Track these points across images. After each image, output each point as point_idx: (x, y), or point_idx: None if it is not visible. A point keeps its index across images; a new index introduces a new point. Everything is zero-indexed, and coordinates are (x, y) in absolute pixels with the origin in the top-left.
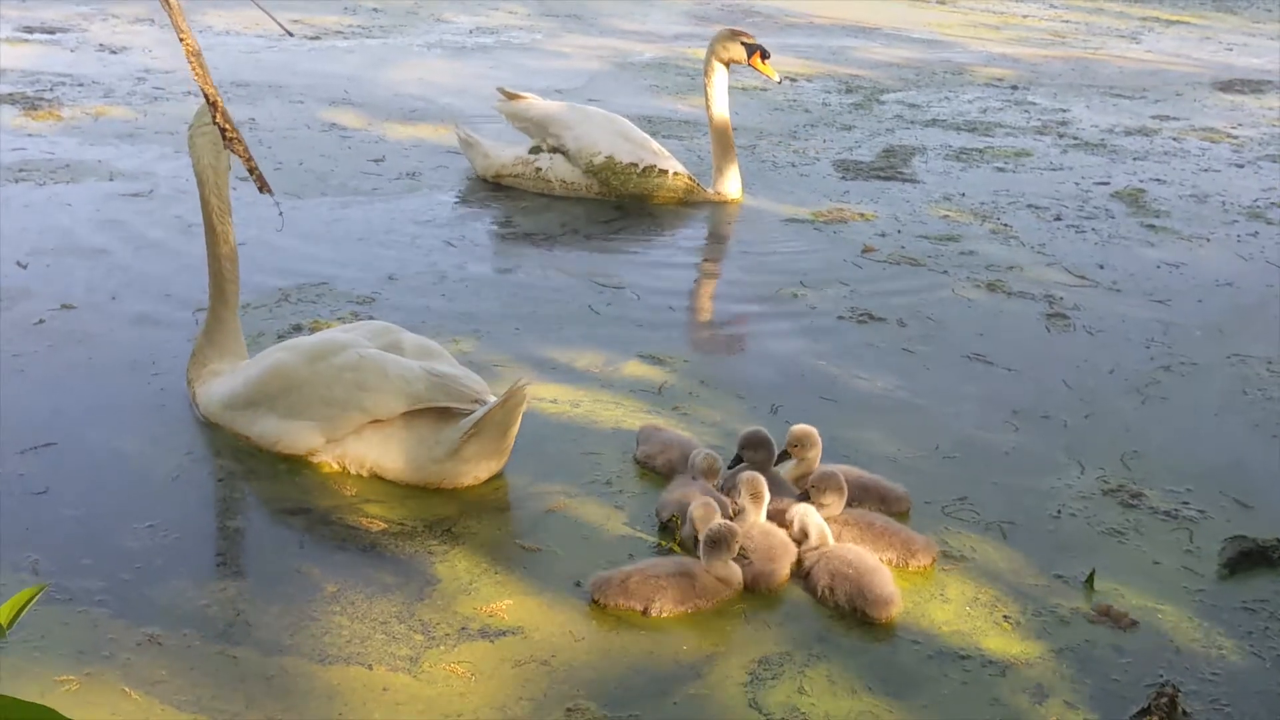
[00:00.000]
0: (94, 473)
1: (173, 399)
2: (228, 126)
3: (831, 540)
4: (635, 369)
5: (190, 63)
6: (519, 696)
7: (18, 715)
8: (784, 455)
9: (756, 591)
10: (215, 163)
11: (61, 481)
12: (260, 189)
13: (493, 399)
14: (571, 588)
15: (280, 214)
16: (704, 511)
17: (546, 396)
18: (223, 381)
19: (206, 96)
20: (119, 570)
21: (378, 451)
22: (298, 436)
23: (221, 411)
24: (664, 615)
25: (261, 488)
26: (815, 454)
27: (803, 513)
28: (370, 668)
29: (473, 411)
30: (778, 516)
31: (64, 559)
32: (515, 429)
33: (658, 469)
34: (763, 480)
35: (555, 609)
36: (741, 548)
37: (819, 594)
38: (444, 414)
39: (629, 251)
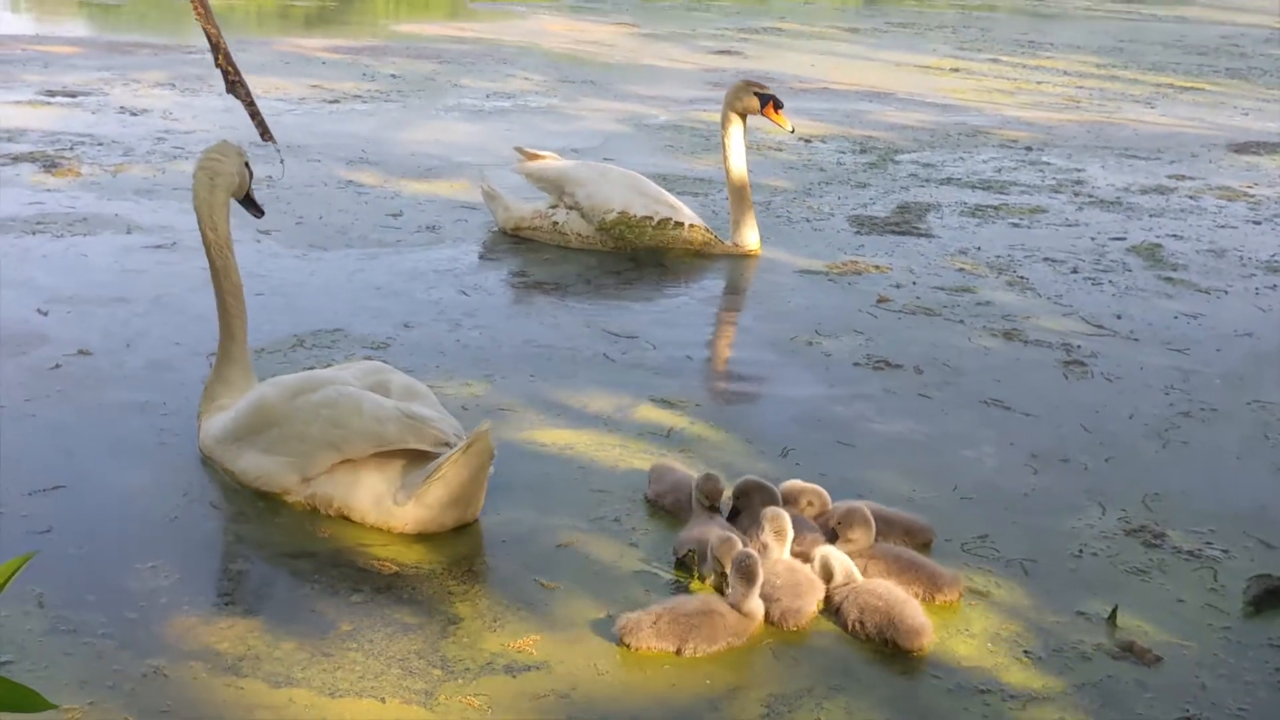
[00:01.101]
0: (98, 514)
1: (181, 440)
2: (230, 69)
3: (859, 576)
4: (647, 412)
5: (192, 1)
6: None
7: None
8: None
9: (783, 629)
10: (210, 197)
11: (65, 522)
12: (263, 136)
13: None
14: (593, 623)
15: (281, 162)
16: (726, 546)
17: (555, 437)
18: (220, 417)
19: (209, 36)
20: (124, 607)
21: (345, 491)
22: (275, 473)
23: (214, 446)
24: (698, 655)
25: (268, 528)
26: (820, 500)
27: (824, 555)
28: (383, 700)
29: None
30: (800, 558)
31: (68, 593)
32: (483, 476)
33: (666, 508)
34: (786, 516)
35: (578, 644)
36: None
37: (849, 627)
38: (418, 458)
39: (643, 301)
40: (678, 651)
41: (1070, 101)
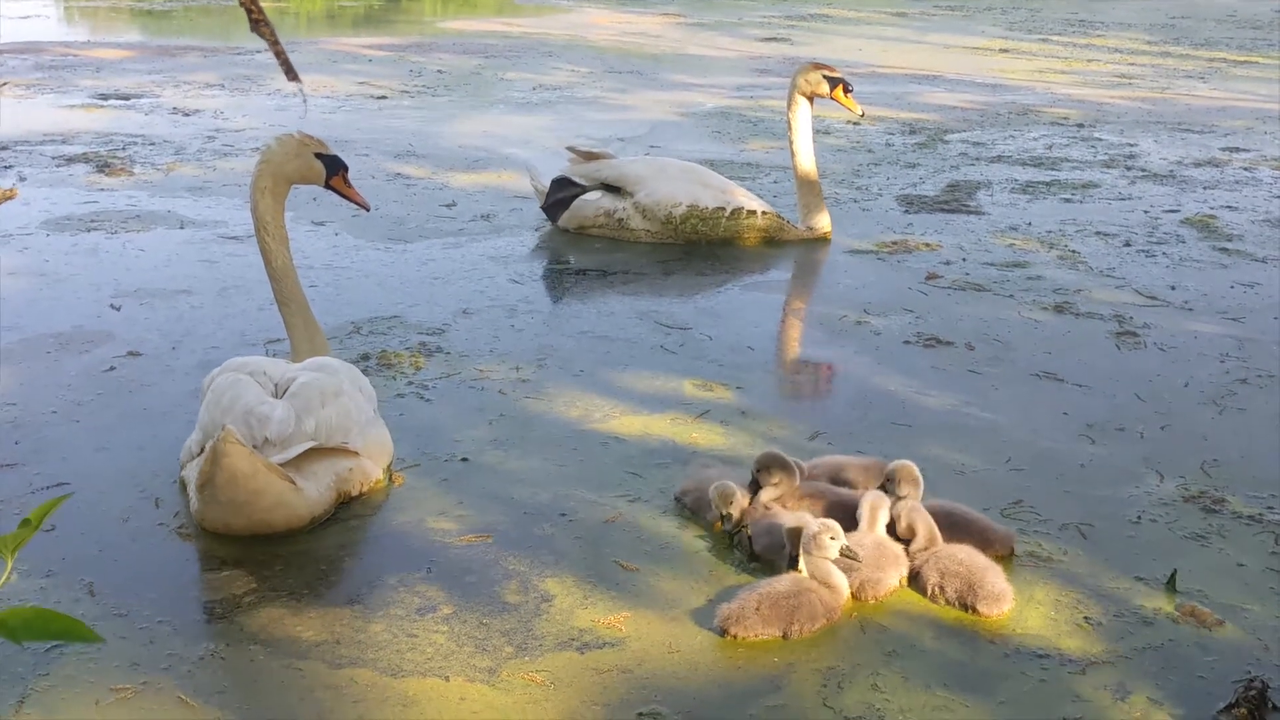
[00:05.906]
0: (116, 516)
1: None
2: (254, 9)
3: (939, 539)
4: (695, 393)
5: None
6: (592, 703)
7: (52, 625)
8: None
9: (862, 599)
10: (256, 182)
11: (69, 520)
12: (288, 77)
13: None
14: (671, 602)
15: (304, 102)
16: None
17: (604, 419)
18: None
19: None
20: (177, 598)
21: (190, 477)
22: (184, 448)
23: None
24: (803, 635)
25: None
26: (781, 480)
27: (910, 509)
28: (447, 679)
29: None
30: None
31: (120, 585)
32: (246, 481)
33: (687, 506)
34: (885, 500)
35: (652, 622)
36: (847, 549)
37: (929, 592)
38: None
39: (693, 287)
40: (784, 635)
41: (1122, 79)
